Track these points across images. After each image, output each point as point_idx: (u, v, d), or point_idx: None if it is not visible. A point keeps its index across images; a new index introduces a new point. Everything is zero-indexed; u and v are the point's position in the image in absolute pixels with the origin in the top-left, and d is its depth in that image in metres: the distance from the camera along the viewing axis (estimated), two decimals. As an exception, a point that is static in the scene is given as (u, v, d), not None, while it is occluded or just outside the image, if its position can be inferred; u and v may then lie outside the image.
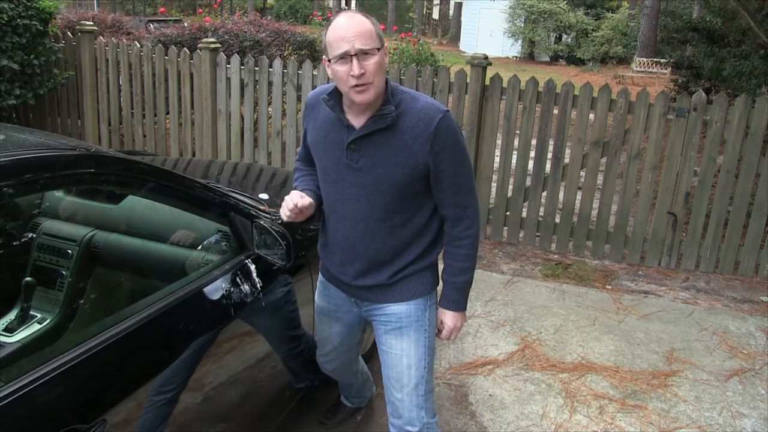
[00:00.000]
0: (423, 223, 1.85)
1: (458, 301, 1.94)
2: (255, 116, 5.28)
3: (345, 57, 1.62)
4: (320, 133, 1.84)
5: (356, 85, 1.63)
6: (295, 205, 1.78)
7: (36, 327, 1.90)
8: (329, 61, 1.67)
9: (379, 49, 1.65)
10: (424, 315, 1.94)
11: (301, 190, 1.90)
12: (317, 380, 2.53)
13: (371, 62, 1.63)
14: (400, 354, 1.93)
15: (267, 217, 2.18)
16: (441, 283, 1.96)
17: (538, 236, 4.69)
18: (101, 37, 5.85)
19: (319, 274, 2.11)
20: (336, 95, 1.76)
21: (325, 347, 2.22)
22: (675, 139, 4.24)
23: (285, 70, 5.04)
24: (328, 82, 1.82)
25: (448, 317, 1.96)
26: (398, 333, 1.93)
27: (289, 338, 2.31)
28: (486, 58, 4.56)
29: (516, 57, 23.78)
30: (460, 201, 1.81)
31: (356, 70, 1.61)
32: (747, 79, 5.99)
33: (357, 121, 1.74)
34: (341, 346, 2.19)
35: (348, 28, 1.62)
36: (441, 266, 1.94)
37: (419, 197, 1.81)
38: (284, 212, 1.82)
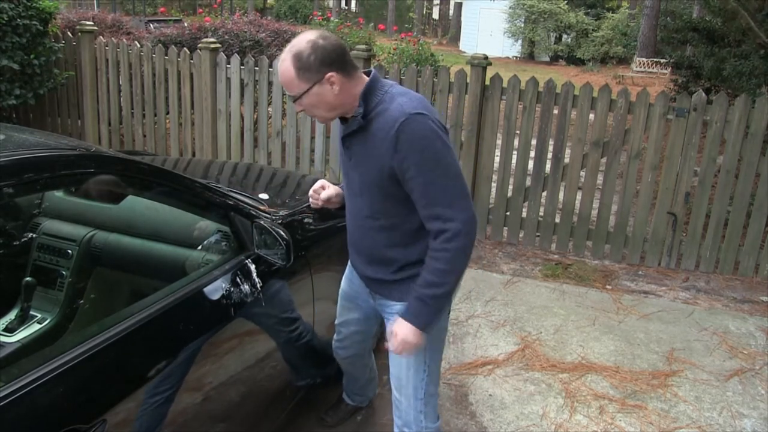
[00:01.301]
0: (415, 228, 1.79)
1: (418, 315, 1.75)
2: (255, 116, 5.28)
3: None
4: (336, 128, 1.99)
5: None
6: (314, 191, 2.03)
7: (36, 327, 1.90)
8: None
9: (310, 87, 1.66)
10: None
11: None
12: (317, 379, 2.53)
13: (305, 102, 1.71)
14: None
15: (267, 217, 2.18)
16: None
17: (538, 236, 4.69)
18: (101, 37, 5.85)
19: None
20: None
21: (342, 332, 2.26)
22: (675, 139, 4.24)
23: (285, 70, 5.03)
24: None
25: (401, 327, 1.77)
26: None
27: (289, 338, 2.31)
28: (486, 58, 4.56)
29: (516, 57, 23.77)
30: (438, 213, 1.68)
31: (297, 108, 1.76)
32: (747, 79, 5.99)
33: (343, 120, 1.82)
34: (357, 335, 2.23)
35: (279, 74, 1.70)
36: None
37: (406, 202, 1.75)
38: (311, 197, 2.05)
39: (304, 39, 1.66)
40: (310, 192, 2.05)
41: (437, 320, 1.81)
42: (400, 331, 1.78)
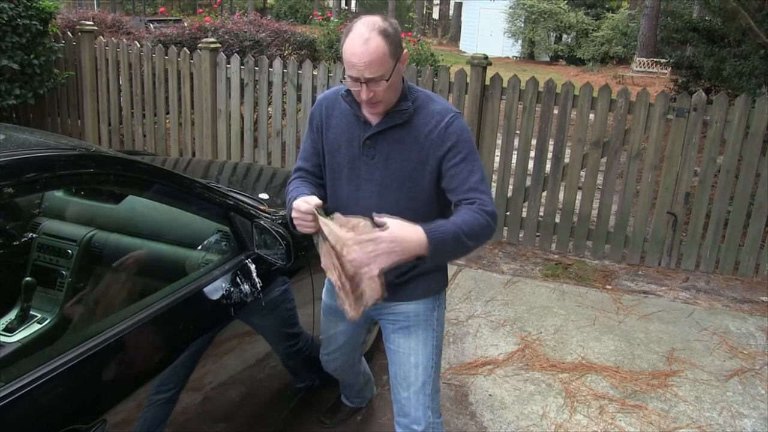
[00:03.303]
0: None
1: (441, 239, 1.58)
2: (255, 116, 5.28)
3: (356, 79, 1.65)
4: (338, 131, 1.85)
5: (366, 102, 1.69)
6: (305, 216, 1.67)
7: (36, 327, 1.90)
8: (345, 70, 1.70)
9: (391, 71, 1.65)
10: (433, 315, 1.95)
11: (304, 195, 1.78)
12: (317, 380, 2.53)
13: (380, 87, 1.65)
14: (408, 353, 1.94)
15: (267, 217, 2.18)
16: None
17: (538, 236, 4.69)
18: (101, 36, 5.85)
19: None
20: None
21: (329, 346, 2.22)
22: (675, 139, 4.24)
23: (285, 70, 5.04)
24: (327, 82, 1.84)
25: (412, 232, 1.56)
26: (406, 332, 1.94)
27: (289, 338, 2.30)
28: (486, 58, 4.56)
29: (516, 57, 23.77)
30: (476, 194, 1.71)
31: (364, 96, 1.66)
32: (747, 79, 5.99)
33: (374, 117, 1.77)
34: (345, 346, 2.20)
35: (360, 56, 1.61)
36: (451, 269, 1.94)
37: (429, 198, 1.80)
38: (305, 226, 1.70)
39: (375, 18, 1.65)
40: (299, 220, 1.70)
41: (435, 257, 1.62)
42: (408, 234, 1.56)
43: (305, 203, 1.69)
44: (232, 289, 1.93)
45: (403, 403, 1.97)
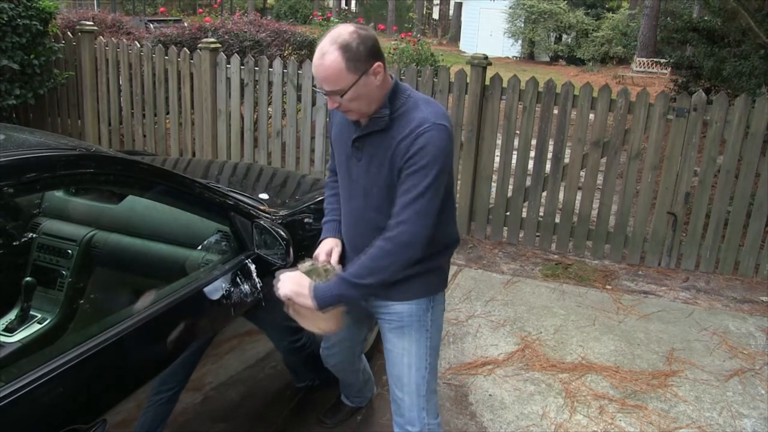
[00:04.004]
0: None
1: (323, 292, 1.71)
2: (255, 116, 5.28)
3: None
4: (338, 129, 1.90)
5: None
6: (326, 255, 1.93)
7: (36, 327, 1.90)
8: None
9: (349, 88, 1.64)
10: (426, 315, 1.95)
11: (329, 218, 2.05)
12: (317, 380, 2.53)
13: (344, 98, 1.67)
14: (401, 353, 1.94)
15: (267, 217, 2.18)
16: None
17: (538, 236, 4.69)
18: (101, 37, 5.85)
19: None
20: None
21: (330, 340, 2.24)
22: (675, 139, 4.24)
23: (285, 70, 5.04)
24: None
25: (300, 286, 1.73)
26: (400, 332, 1.94)
27: (289, 338, 2.31)
28: (486, 58, 4.56)
29: (516, 57, 23.77)
30: (402, 214, 1.69)
31: (330, 105, 1.71)
32: (747, 79, 5.99)
33: (363, 120, 1.79)
34: (346, 341, 2.21)
35: (316, 70, 1.65)
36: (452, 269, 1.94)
37: None
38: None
39: (346, 30, 1.64)
40: (323, 257, 1.91)
41: (326, 301, 1.74)
42: (287, 284, 1.75)
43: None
44: (232, 289, 1.93)
45: (398, 403, 1.98)
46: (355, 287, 1.72)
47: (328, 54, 1.61)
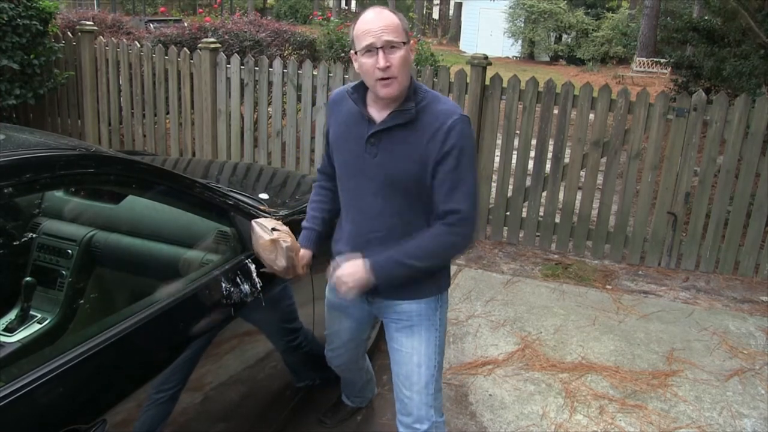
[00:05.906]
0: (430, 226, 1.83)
1: (382, 268, 1.78)
2: (255, 116, 5.28)
3: (371, 50, 1.68)
4: (342, 128, 1.88)
5: (381, 78, 1.69)
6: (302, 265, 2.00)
7: (36, 327, 1.90)
8: (356, 53, 1.73)
9: (404, 44, 1.70)
10: (435, 314, 1.95)
11: (308, 226, 2.08)
12: (317, 380, 2.53)
13: (396, 56, 1.68)
14: (411, 352, 1.94)
15: (267, 217, 2.18)
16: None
17: (538, 236, 4.69)
18: (101, 37, 5.85)
19: None
20: (360, 89, 1.82)
21: (334, 342, 2.23)
22: (675, 139, 4.24)
23: (285, 70, 5.04)
24: (327, 82, 1.85)
25: (357, 268, 1.79)
26: (409, 331, 1.94)
27: (289, 338, 2.31)
28: (486, 58, 4.56)
29: (516, 57, 23.77)
30: (454, 204, 1.74)
31: (381, 62, 1.67)
32: (747, 79, 5.99)
33: (378, 115, 1.79)
34: (350, 342, 2.21)
35: (375, 22, 1.68)
36: (453, 268, 1.94)
37: (431, 198, 1.79)
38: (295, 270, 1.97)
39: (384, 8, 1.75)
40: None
41: (385, 279, 1.82)
42: (349, 267, 1.81)
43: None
44: (232, 289, 1.93)
45: (405, 402, 1.97)
46: (409, 268, 1.78)
47: (385, 11, 1.71)
